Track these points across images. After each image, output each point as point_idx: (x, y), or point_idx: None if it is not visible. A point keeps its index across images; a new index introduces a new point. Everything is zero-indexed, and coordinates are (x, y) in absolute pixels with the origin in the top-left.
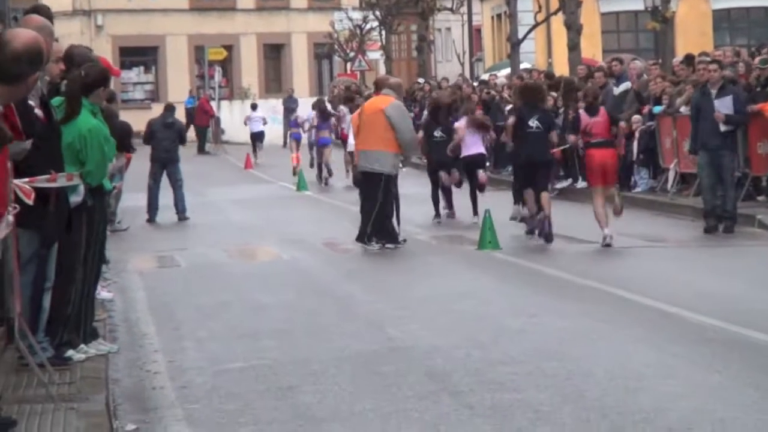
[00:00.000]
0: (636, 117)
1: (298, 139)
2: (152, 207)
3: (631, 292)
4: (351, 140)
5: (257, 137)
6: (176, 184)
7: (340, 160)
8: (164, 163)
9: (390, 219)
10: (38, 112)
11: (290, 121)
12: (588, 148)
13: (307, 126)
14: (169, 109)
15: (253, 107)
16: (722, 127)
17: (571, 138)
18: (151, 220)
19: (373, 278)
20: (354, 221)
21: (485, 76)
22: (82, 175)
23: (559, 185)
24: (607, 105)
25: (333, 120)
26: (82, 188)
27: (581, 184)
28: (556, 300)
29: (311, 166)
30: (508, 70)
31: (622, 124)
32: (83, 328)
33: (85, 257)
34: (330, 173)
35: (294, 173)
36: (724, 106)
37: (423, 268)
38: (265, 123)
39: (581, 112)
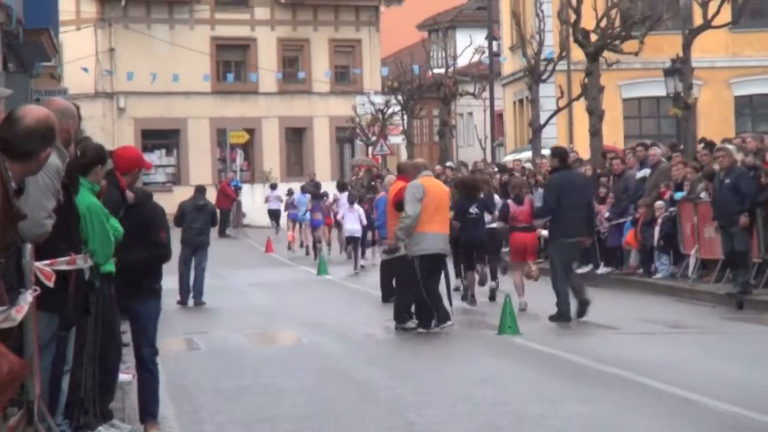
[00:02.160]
0: (659, 203)
1: (294, 219)
2: (184, 290)
3: (652, 379)
4: (347, 225)
5: (274, 215)
6: (199, 269)
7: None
8: (196, 247)
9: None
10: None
11: (288, 203)
12: (513, 232)
13: (303, 209)
14: (201, 190)
15: (273, 187)
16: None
17: (500, 224)
18: (183, 302)
19: (393, 363)
20: (374, 305)
21: (508, 158)
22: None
23: (580, 270)
24: (629, 190)
25: (326, 202)
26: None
27: (602, 269)
28: (577, 386)
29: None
30: (529, 154)
31: (641, 209)
32: (98, 410)
33: (93, 339)
34: (319, 247)
35: (289, 248)
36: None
37: (443, 353)
38: (281, 200)
39: (509, 201)
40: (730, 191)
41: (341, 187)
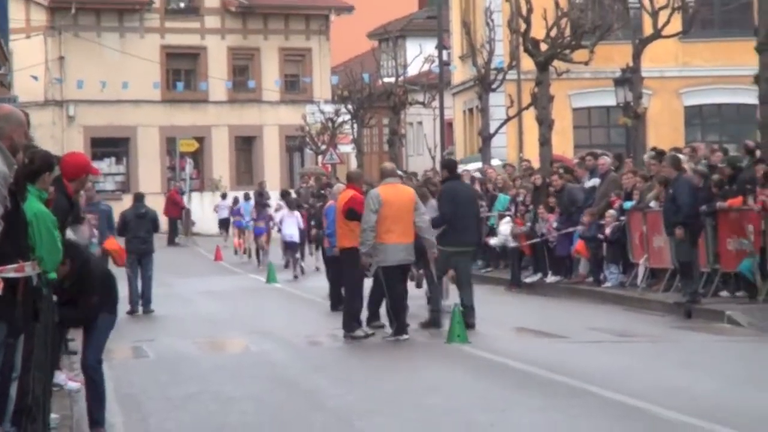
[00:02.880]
0: (609, 212)
1: (239, 227)
2: (133, 299)
3: (601, 387)
4: (286, 230)
5: (223, 224)
6: (146, 277)
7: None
8: (140, 255)
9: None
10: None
11: (233, 210)
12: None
13: (248, 217)
14: (139, 198)
15: (223, 196)
16: None
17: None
18: (133, 311)
19: (341, 371)
20: (322, 313)
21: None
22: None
23: (529, 279)
24: (578, 201)
25: (269, 212)
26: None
27: (551, 278)
28: (526, 394)
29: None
30: (478, 164)
31: (585, 218)
32: (43, 419)
33: (43, 346)
34: (264, 256)
35: (235, 253)
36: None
37: (392, 362)
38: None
39: None
40: (671, 202)
41: (283, 195)
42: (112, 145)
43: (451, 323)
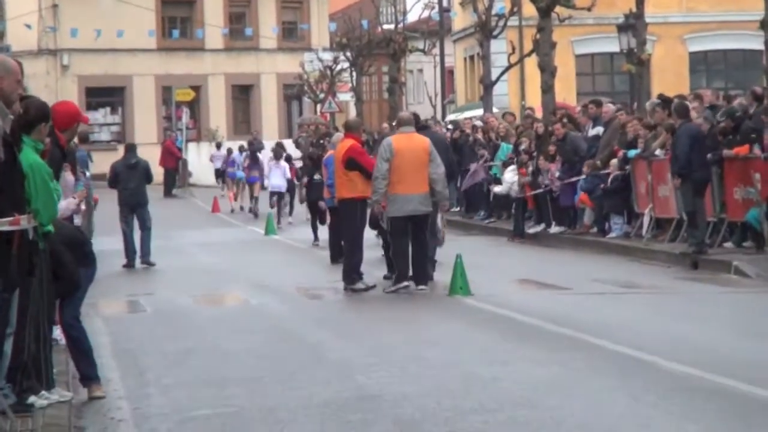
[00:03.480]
0: (613, 161)
1: (232, 178)
2: (129, 251)
3: (605, 340)
4: (273, 180)
5: (220, 174)
6: (144, 228)
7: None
8: (132, 207)
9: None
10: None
11: (227, 161)
12: None
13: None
14: (131, 148)
15: (218, 146)
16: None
17: None
18: (130, 264)
19: (343, 324)
20: (322, 266)
21: (453, 116)
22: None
23: (532, 230)
24: (580, 150)
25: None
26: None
27: (554, 229)
28: (529, 347)
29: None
30: (477, 112)
31: (585, 169)
32: (44, 374)
33: (38, 302)
34: (255, 204)
35: (231, 211)
36: None
37: (393, 315)
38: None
39: None
40: (672, 151)
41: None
42: (107, 95)
43: (453, 275)
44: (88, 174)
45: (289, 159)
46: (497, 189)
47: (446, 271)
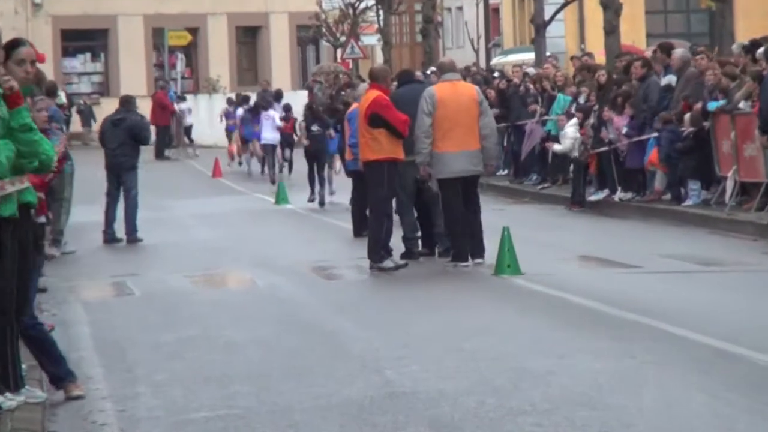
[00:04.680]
0: (687, 116)
1: (231, 131)
2: (109, 222)
3: (680, 327)
4: (264, 133)
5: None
6: (129, 197)
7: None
8: (115, 170)
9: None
10: None
11: (226, 113)
12: None
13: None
14: (125, 102)
15: (229, 101)
16: None
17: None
18: (108, 239)
19: (367, 310)
20: (344, 240)
21: (503, 60)
22: None
23: (593, 197)
24: (650, 100)
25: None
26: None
27: (620, 195)
28: (590, 336)
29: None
30: (526, 56)
31: (657, 124)
32: (11, 371)
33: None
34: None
35: (229, 164)
36: None
37: (427, 298)
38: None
39: None
40: (759, 103)
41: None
42: (87, 39)
43: (500, 251)
44: (63, 130)
45: (288, 109)
46: (556, 147)
47: (491, 247)
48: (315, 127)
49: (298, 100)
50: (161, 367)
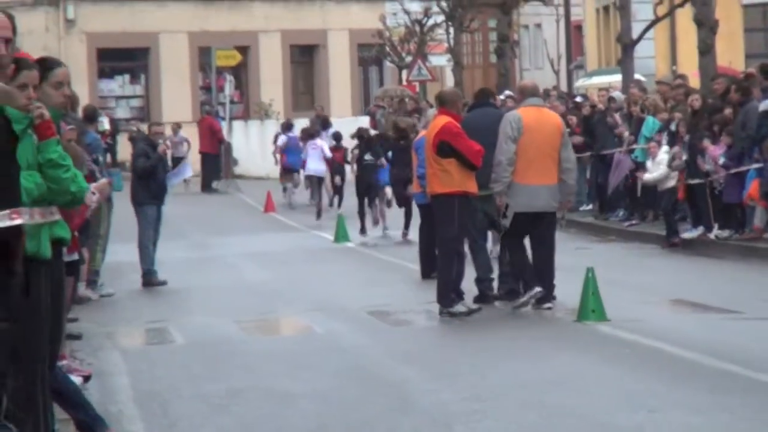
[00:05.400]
0: None
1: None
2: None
3: None
4: (310, 164)
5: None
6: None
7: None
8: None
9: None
10: None
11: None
12: None
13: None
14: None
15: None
16: None
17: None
18: (149, 282)
19: (436, 359)
20: (411, 283)
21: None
22: None
23: (687, 234)
24: (748, 128)
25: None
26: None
27: (717, 233)
28: (683, 390)
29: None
30: (612, 78)
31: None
32: (43, 426)
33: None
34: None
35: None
36: None
37: (503, 347)
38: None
39: None
40: None
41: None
42: (126, 59)
43: (584, 294)
44: (101, 161)
45: (338, 137)
46: (647, 177)
47: (574, 289)
48: (368, 156)
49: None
50: (207, 422)
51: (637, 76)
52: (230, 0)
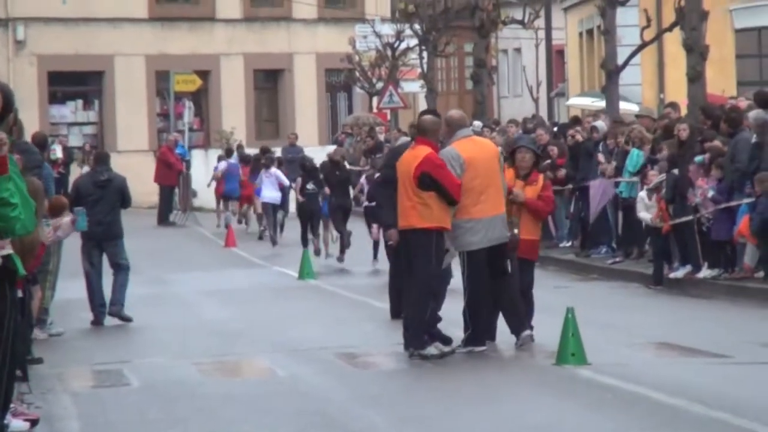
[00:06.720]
0: None
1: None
2: (95, 303)
3: None
4: (264, 192)
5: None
6: (118, 269)
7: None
8: (99, 240)
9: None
10: None
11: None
12: None
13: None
14: (101, 160)
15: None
16: None
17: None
18: (97, 321)
19: (405, 404)
20: (379, 322)
21: (573, 102)
22: None
23: (674, 274)
24: (738, 160)
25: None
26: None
27: (705, 272)
28: None
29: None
30: (600, 104)
31: (757, 186)
32: None
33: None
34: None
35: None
36: None
37: (477, 391)
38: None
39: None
40: None
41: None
42: (79, 83)
43: (563, 336)
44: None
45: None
46: (642, 215)
47: (553, 331)
48: (310, 186)
49: (324, 157)
50: None
51: (622, 104)
52: (190, 21)
